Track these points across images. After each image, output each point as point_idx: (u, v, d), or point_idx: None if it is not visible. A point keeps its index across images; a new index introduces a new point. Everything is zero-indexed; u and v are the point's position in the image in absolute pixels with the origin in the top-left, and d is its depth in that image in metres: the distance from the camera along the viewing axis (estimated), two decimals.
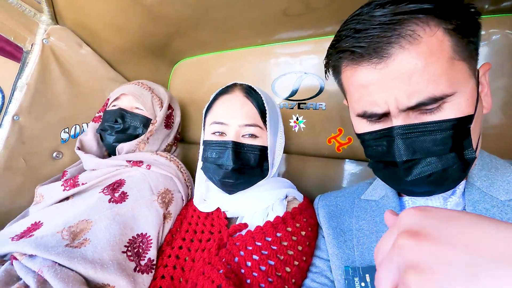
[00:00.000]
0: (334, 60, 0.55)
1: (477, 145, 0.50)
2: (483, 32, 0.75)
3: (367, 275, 0.51)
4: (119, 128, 0.97)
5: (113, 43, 1.12)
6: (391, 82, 0.46)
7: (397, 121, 0.48)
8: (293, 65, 1.05)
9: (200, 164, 0.85)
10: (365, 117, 0.53)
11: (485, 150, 0.58)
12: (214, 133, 0.78)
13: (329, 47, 0.57)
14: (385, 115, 0.50)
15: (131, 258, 0.72)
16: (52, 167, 1.06)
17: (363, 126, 0.56)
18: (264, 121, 0.78)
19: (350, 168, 1.00)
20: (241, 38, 1.10)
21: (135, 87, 1.02)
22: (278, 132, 0.84)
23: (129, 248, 0.73)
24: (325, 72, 0.61)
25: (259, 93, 0.80)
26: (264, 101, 0.79)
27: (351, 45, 0.49)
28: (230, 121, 0.76)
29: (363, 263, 0.57)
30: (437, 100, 0.45)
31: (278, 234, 0.68)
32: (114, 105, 1.01)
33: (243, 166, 0.75)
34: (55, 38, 0.99)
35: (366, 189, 0.71)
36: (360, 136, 0.58)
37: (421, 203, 0.57)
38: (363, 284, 0.51)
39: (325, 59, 0.60)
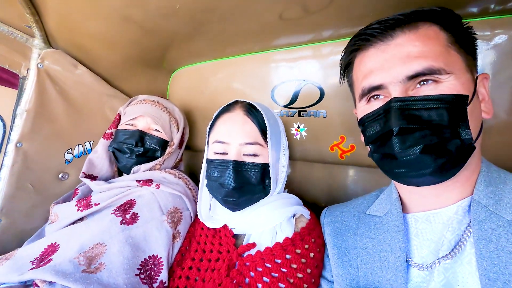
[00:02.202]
0: (349, 53, 0.63)
1: (476, 137, 0.52)
2: (488, 33, 0.74)
3: None
4: (139, 152, 0.97)
5: (108, 60, 1.11)
6: (392, 61, 0.52)
7: (395, 92, 0.52)
8: (292, 72, 1.03)
9: (204, 181, 0.87)
10: (364, 95, 0.58)
11: (492, 157, 0.58)
12: (216, 152, 0.80)
13: (344, 48, 0.65)
14: (384, 92, 0.54)
15: (144, 281, 0.74)
16: (60, 188, 1.08)
17: (363, 109, 0.59)
18: (266, 138, 0.79)
19: (355, 174, 1.01)
20: (238, 46, 1.08)
21: (153, 108, 1.02)
22: (281, 147, 0.84)
23: (142, 271, 0.75)
24: (340, 78, 0.69)
25: (260, 110, 0.81)
26: (264, 118, 0.79)
27: (364, 30, 0.58)
28: (231, 140, 0.78)
29: (366, 284, 0.58)
30: (435, 72, 0.49)
31: (288, 256, 0.69)
32: (131, 125, 1.00)
33: (244, 185, 0.76)
34: (49, 62, 0.98)
35: (372, 202, 0.70)
36: (361, 122, 0.60)
37: (424, 220, 0.56)
38: None
39: (340, 60, 0.67)
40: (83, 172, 0.99)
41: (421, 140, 0.48)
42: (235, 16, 0.87)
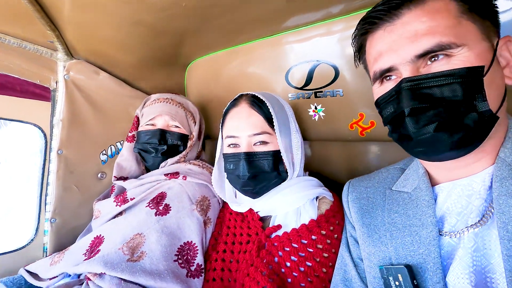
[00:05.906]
0: (358, 37, 0.62)
1: (498, 108, 0.49)
2: None
3: (399, 275, 0.54)
4: (164, 150, 1.04)
5: (126, 63, 1.16)
6: (399, 41, 0.51)
7: (406, 72, 0.51)
8: (305, 53, 1.01)
9: (221, 174, 0.93)
10: (376, 78, 0.57)
11: None
12: (229, 145, 0.85)
13: (353, 32, 0.63)
14: (395, 72, 0.54)
15: (182, 265, 0.82)
16: (100, 186, 1.18)
17: (378, 91, 0.59)
18: (273, 126, 0.81)
19: (377, 149, 0.99)
20: (248, 33, 1.08)
21: (168, 106, 1.07)
22: (291, 133, 0.86)
23: (179, 256, 0.83)
24: (355, 61, 0.69)
25: (264, 100, 0.83)
26: (269, 107, 0.81)
27: (370, 13, 0.56)
28: (240, 134, 0.82)
29: (398, 259, 0.57)
30: (445, 48, 0.47)
31: (313, 237, 0.73)
32: (152, 125, 1.06)
33: (258, 173, 0.80)
34: (74, 72, 1.05)
35: (397, 177, 0.69)
36: (376, 103, 0.60)
37: (452, 189, 0.55)
38: (397, 283, 0.54)
39: (352, 44, 0.66)
40: (114, 176, 1.07)
41: (435, 118, 0.48)
42: (242, 5, 0.86)
